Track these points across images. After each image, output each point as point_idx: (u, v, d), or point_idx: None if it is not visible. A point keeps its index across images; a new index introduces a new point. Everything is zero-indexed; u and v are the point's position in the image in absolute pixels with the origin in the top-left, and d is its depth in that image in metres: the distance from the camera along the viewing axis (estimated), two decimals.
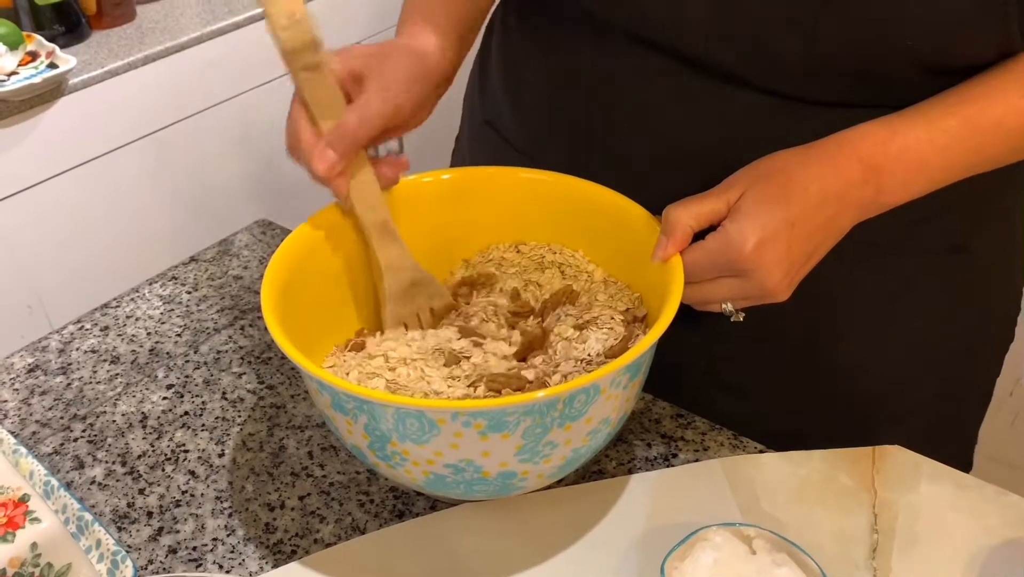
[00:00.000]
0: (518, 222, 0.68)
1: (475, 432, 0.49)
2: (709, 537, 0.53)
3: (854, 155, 0.54)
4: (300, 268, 0.60)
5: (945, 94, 0.56)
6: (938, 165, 0.55)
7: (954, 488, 0.61)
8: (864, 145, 0.54)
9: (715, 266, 0.55)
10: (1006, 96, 0.54)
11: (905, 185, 0.55)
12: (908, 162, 0.54)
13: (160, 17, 1.51)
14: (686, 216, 0.55)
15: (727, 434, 0.66)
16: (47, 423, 0.70)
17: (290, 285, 0.58)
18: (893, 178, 0.55)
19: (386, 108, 0.57)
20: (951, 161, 0.55)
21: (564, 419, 0.50)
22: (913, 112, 0.55)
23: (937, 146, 0.54)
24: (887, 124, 0.55)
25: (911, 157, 0.54)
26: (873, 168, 0.54)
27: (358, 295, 0.66)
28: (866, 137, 0.55)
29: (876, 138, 0.54)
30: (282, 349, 0.52)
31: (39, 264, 1.36)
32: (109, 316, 0.81)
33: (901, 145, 0.54)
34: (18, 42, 1.28)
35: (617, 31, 0.63)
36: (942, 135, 0.54)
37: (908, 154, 0.54)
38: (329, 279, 0.64)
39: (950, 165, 0.55)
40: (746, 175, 0.56)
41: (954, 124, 0.54)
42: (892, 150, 0.54)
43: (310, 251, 0.61)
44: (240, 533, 0.61)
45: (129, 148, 1.41)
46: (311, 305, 0.61)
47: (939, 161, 0.55)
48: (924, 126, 0.54)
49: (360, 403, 0.51)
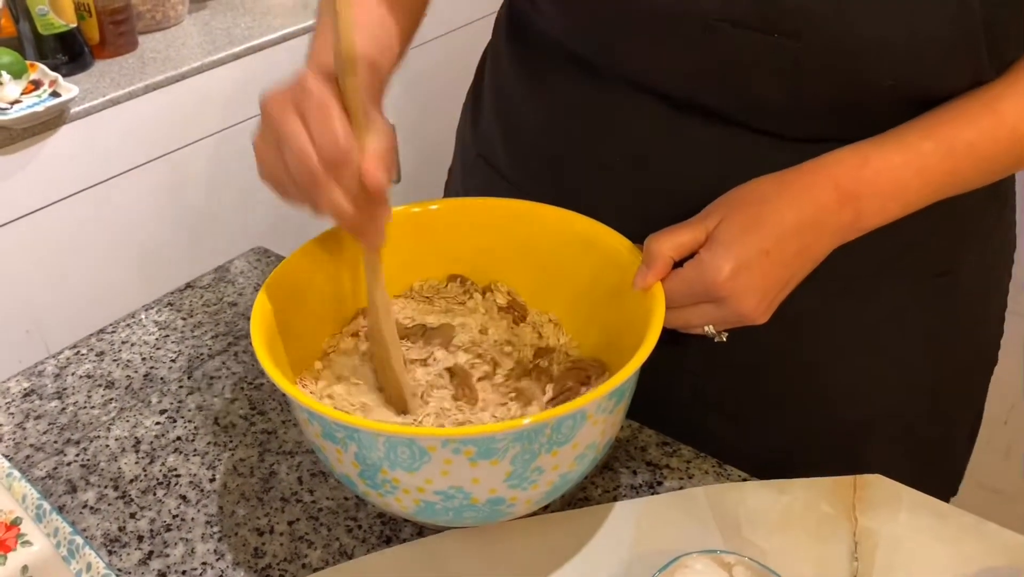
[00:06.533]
0: (497, 253, 0.69)
1: (465, 459, 0.50)
2: (690, 564, 0.53)
3: (830, 181, 0.55)
4: (291, 296, 0.61)
5: (919, 119, 0.57)
6: (914, 188, 0.56)
7: (934, 517, 0.62)
8: (839, 171, 0.56)
9: (693, 293, 0.56)
10: (979, 120, 0.56)
11: (882, 209, 0.56)
12: (884, 185, 0.55)
13: (162, 47, 1.54)
14: (666, 246, 0.57)
15: (712, 462, 0.67)
16: (41, 447, 0.71)
17: (281, 313, 0.59)
18: (870, 202, 0.56)
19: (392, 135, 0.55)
20: (926, 184, 0.56)
21: (552, 445, 0.52)
22: (887, 137, 0.57)
23: (913, 169, 0.55)
24: (860, 150, 0.56)
25: (887, 180, 0.55)
26: (849, 194, 0.55)
27: (347, 323, 0.67)
28: (841, 163, 0.56)
29: (851, 163, 0.56)
30: (270, 377, 0.53)
31: (38, 289, 1.37)
32: (105, 341, 0.83)
33: (876, 169, 0.55)
34: (22, 71, 1.30)
35: (604, 71, 0.65)
36: (917, 158, 0.55)
37: (883, 177, 0.55)
38: (320, 307, 0.65)
39: (925, 188, 0.56)
40: (724, 204, 0.57)
41: (929, 147, 0.55)
42: (868, 174, 0.55)
43: (301, 279, 0.63)
44: (229, 557, 0.61)
45: (129, 176, 1.43)
46: (301, 333, 0.63)
47: (915, 184, 0.56)
48: (899, 150, 0.56)
49: (350, 432, 0.52)
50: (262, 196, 1.72)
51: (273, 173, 0.52)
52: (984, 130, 0.55)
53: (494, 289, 0.69)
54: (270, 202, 1.91)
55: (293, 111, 0.49)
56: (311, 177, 0.49)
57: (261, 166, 0.53)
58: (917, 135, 0.56)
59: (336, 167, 0.49)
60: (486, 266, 0.70)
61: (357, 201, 0.51)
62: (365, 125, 0.52)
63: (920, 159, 0.55)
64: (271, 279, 0.60)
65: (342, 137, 0.48)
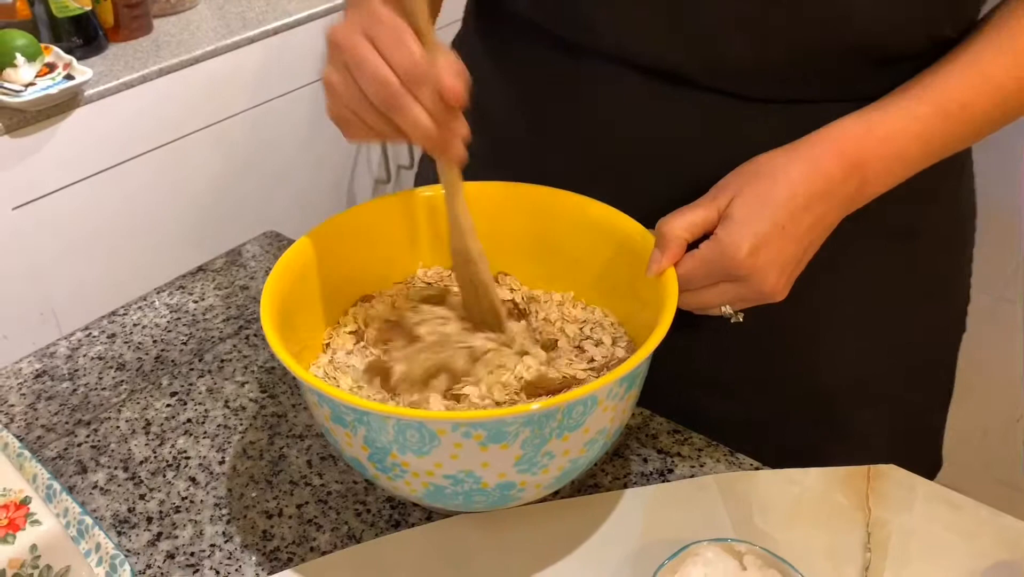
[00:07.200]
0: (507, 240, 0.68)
1: (475, 443, 0.50)
2: (700, 552, 0.53)
3: (835, 152, 0.56)
4: (301, 279, 0.61)
5: (912, 83, 0.58)
6: (916, 153, 0.57)
7: (948, 508, 0.61)
8: (844, 141, 0.56)
9: (711, 274, 0.56)
10: (969, 81, 0.56)
11: (887, 174, 0.57)
12: (888, 153, 0.56)
13: (176, 31, 1.54)
14: (679, 228, 0.57)
15: (723, 450, 0.67)
16: (52, 428, 0.71)
17: (291, 295, 0.59)
18: (874, 170, 0.56)
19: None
20: (925, 146, 0.57)
21: (562, 429, 0.51)
22: (886, 103, 0.57)
23: (913, 134, 0.56)
24: (864, 118, 0.57)
25: (890, 148, 0.56)
26: (854, 163, 0.56)
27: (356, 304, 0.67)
28: (845, 133, 0.56)
29: (854, 133, 0.56)
30: (280, 360, 0.53)
31: (52, 271, 1.37)
32: (116, 324, 0.83)
33: (879, 137, 0.56)
34: (36, 54, 1.30)
35: (572, 43, 0.64)
36: (916, 123, 0.56)
37: (886, 145, 0.56)
38: (329, 290, 0.64)
39: (925, 150, 0.57)
40: (734, 181, 0.57)
41: (926, 112, 0.56)
42: (871, 143, 0.56)
43: (311, 262, 0.62)
44: (238, 540, 0.61)
45: (143, 159, 1.43)
46: (311, 315, 0.62)
47: (916, 149, 0.57)
48: (899, 116, 0.56)
49: (360, 415, 0.51)
50: (275, 180, 1.72)
51: (349, 103, 0.53)
52: (974, 91, 0.56)
53: (500, 282, 0.69)
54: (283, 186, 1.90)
55: (363, 38, 0.50)
56: (392, 98, 0.50)
57: (332, 99, 0.54)
58: (913, 100, 0.57)
59: (416, 84, 0.50)
60: (495, 253, 0.69)
61: (436, 117, 0.52)
62: (435, 43, 0.52)
63: (918, 124, 0.56)
64: (281, 262, 0.60)
65: (419, 55, 0.50)
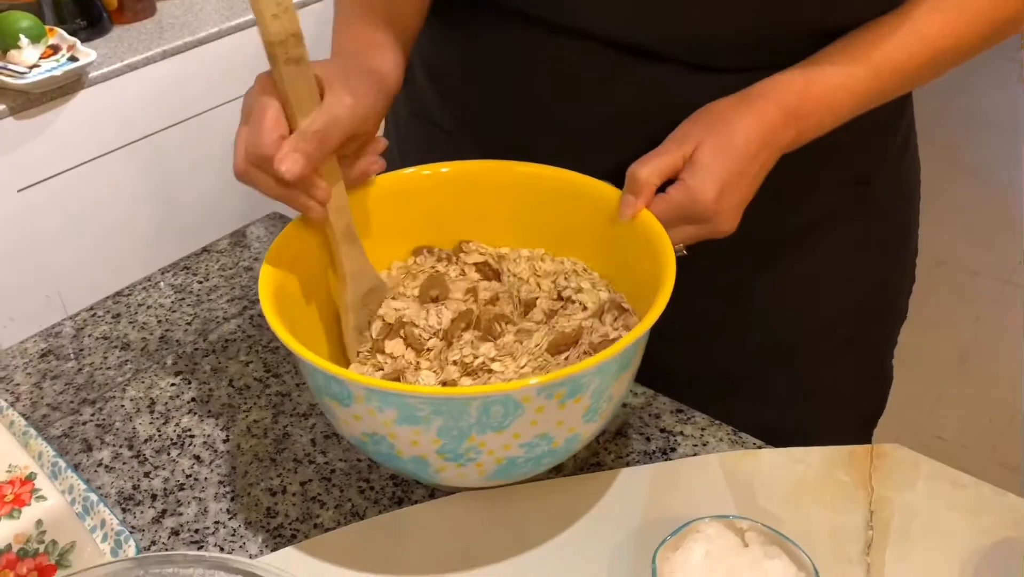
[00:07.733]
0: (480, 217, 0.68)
1: (555, 402, 0.51)
2: (702, 529, 0.53)
3: (779, 105, 0.61)
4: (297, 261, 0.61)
5: (852, 41, 0.62)
6: (847, 105, 0.63)
7: (951, 487, 0.61)
8: (787, 95, 0.61)
9: (680, 216, 0.60)
10: (903, 42, 0.62)
11: (819, 126, 0.63)
12: (823, 106, 0.62)
13: (180, 12, 1.53)
14: (649, 173, 0.60)
15: (726, 429, 0.67)
16: (57, 406, 0.72)
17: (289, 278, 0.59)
18: (809, 120, 0.62)
19: (358, 111, 0.57)
20: (856, 101, 0.63)
21: (619, 370, 0.55)
22: (825, 59, 0.62)
23: (847, 90, 0.62)
24: (805, 73, 0.62)
25: (825, 102, 0.62)
26: (793, 115, 0.61)
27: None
28: (789, 87, 0.62)
29: (796, 87, 0.61)
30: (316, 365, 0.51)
31: (58, 253, 1.38)
32: (121, 304, 0.83)
33: (817, 93, 0.61)
34: (40, 35, 1.30)
35: (537, 20, 0.66)
36: (851, 80, 0.62)
37: (823, 100, 0.62)
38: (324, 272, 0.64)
39: (856, 104, 0.63)
40: (696, 128, 0.61)
41: (861, 72, 0.62)
42: (810, 98, 0.61)
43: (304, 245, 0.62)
44: (241, 517, 0.62)
45: (148, 140, 1.43)
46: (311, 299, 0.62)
47: (848, 102, 0.62)
48: (836, 73, 0.62)
49: (438, 404, 0.50)
50: None
51: None
52: (908, 50, 0.62)
53: (464, 249, 0.68)
54: None
55: (243, 117, 0.57)
56: (243, 175, 0.57)
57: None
58: (850, 58, 0.62)
59: (259, 162, 0.56)
60: (467, 231, 0.69)
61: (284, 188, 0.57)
62: (307, 108, 0.55)
63: (853, 82, 0.62)
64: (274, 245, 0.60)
65: (265, 134, 0.54)
